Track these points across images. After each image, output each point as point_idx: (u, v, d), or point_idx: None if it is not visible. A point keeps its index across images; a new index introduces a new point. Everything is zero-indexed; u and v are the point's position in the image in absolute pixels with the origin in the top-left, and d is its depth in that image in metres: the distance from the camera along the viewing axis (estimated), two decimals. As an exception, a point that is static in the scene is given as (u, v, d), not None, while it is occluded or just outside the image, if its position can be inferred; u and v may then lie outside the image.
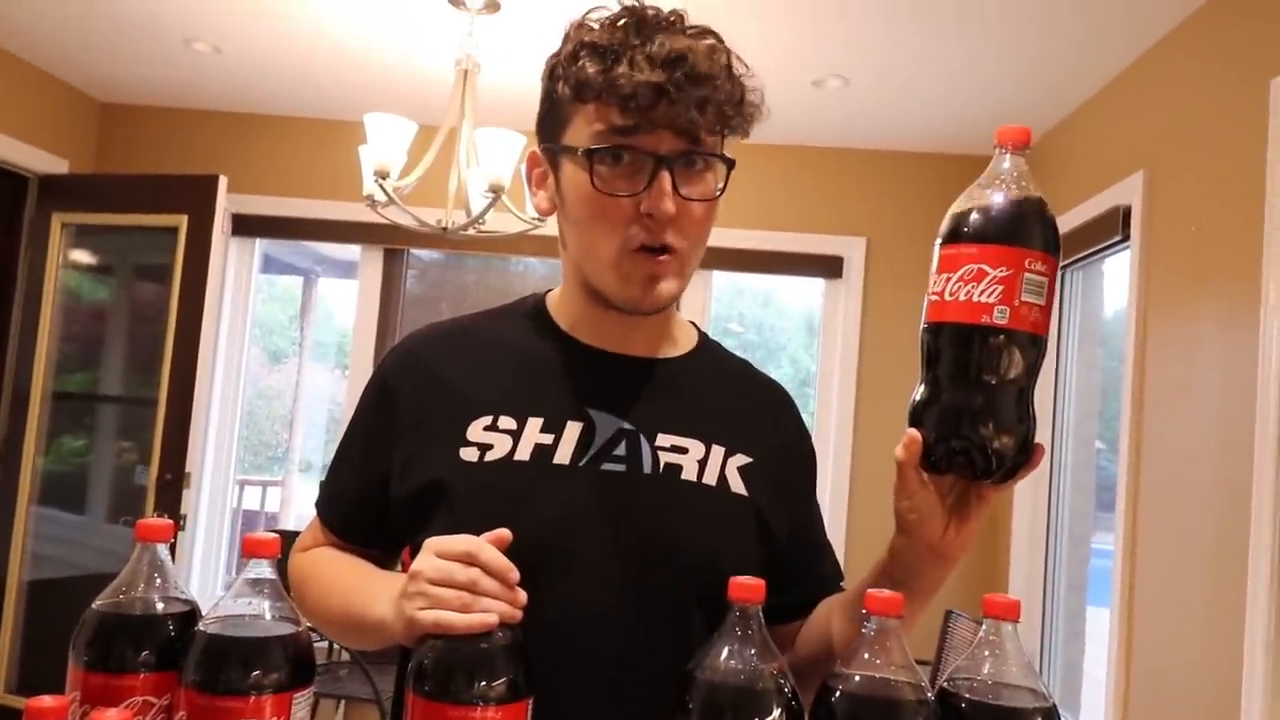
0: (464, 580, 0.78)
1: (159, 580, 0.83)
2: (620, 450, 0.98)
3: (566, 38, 0.96)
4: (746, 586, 0.77)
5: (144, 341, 3.74)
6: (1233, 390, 2.16)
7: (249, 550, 0.81)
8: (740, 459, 1.02)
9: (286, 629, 0.79)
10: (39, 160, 3.71)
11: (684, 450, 1.00)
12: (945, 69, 3.01)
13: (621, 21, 0.93)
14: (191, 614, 0.83)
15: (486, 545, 0.81)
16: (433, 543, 0.82)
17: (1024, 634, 0.80)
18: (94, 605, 0.81)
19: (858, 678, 0.75)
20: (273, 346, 8.12)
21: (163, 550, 0.85)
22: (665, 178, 0.91)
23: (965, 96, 3.24)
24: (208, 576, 4.06)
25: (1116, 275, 3.18)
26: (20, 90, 3.61)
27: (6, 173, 3.67)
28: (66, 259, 3.74)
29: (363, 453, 1.07)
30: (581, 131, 0.94)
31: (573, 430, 0.98)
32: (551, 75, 0.97)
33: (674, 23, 0.95)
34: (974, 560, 3.63)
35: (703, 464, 1.00)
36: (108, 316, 3.97)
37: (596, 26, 0.94)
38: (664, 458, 0.99)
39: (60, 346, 3.73)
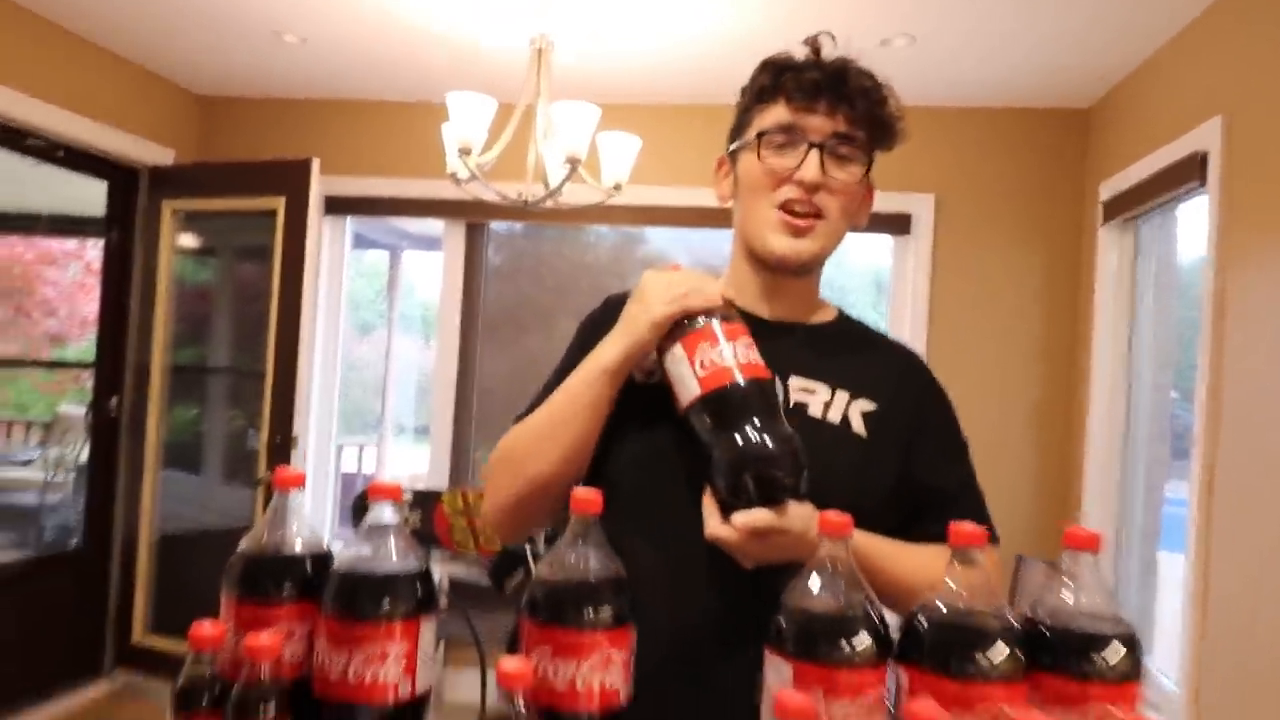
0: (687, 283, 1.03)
1: (295, 523, 0.88)
2: None
3: (762, 65, 1.16)
4: (834, 522, 0.80)
5: (247, 318, 3.87)
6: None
7: (375, 494, 0.86)
8: (864, 404, 1.12)
9: (411, 564, 0.83)
10: (148, 152, 3.84)
11: (812, 392, 1.12)
12: (1008, 23, 2.92)
13: (802, 48, 1.14)
14: (326, 552, 0.88)
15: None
16: (651, 274, 1.07)
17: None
18: (242, 545, 0.87)
19: (944, 608, 0.77)
20: (361, 320, 8.33)
21: (297, 496, 0.90)
22: (815, 154, 1.08)
23: (1028, 48, 3.14)
24: (321, 529, 4.21)
25: (1192, 223, 3.08)
26: (126, 87, 3.73)
27: (120, 166, 3.82)
28: (175, 244, 3.89)
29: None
30: (756, 128, 1.13)
31: None
32: (741, 93, 1.18)
33: (843, 57, 1.13)
34: (1046, 508, 3.60)
35: (828, 405, 1.11)
36: (213, 296, 4.11)
37: (781, 56, 1.15)
38: (795, 396, 1.11)
39: (174, 325, 3.89)
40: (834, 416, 1.11)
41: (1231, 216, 2.53)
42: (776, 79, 1.12)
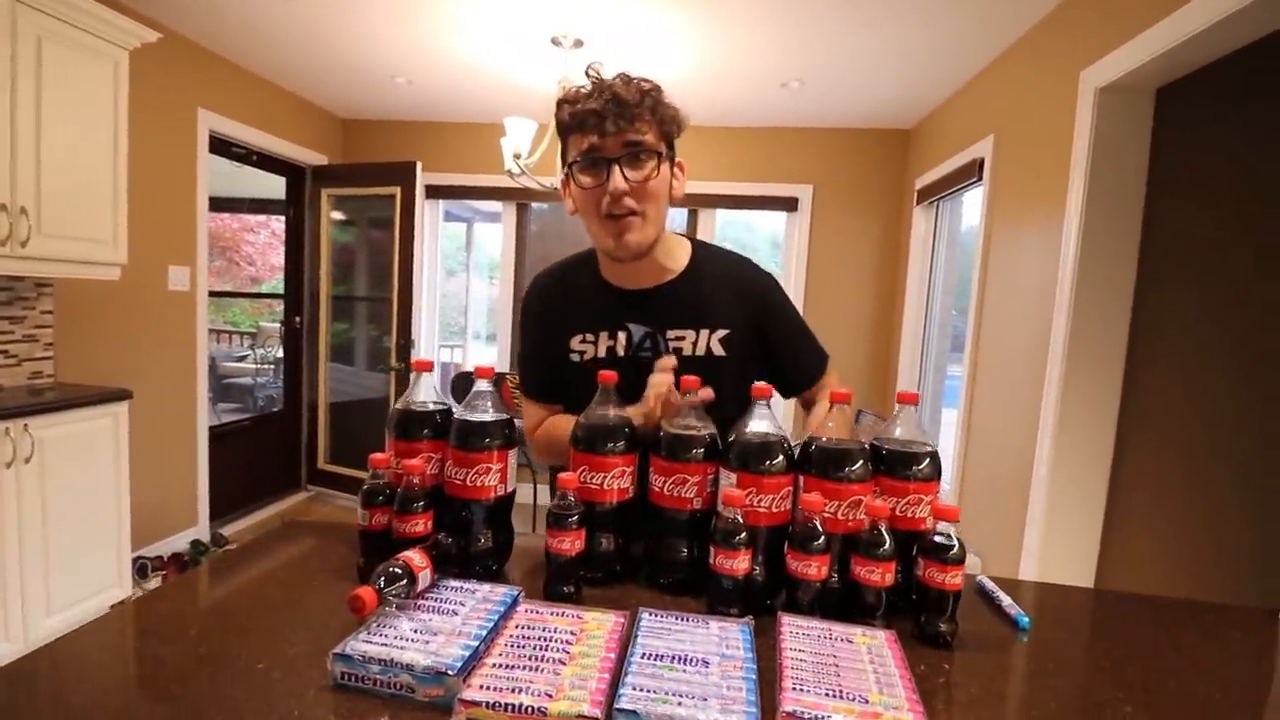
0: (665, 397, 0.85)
1: (428, 391, 0.88)
2: (648, 346, 0.99)
3: (558, 103, 0.93)
4: (760, 389, 0.80)
5: (376, 265, 3.77)
6: (1043, 277, 2.10)
7: (480, 374, 0.86)
8: (721, 332, 0.99)
9: (502, 416, 0.84)
10: (310, 156, 3.67)
11: (682, 337, 0.99)
12: (863, 74, 2.82)
13: (584, 85, 0.92)
14: (448, 409, 0.87)
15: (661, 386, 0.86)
16: (653, 385, 0.87)
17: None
18: (396, 405, 0.86)
19: (825, 439, 0.78)
20: (449, 266, 8.13)
21: (428, 376, 0.90)
22: (615, 169, 0.89)
23: (874, 90, 3.04)
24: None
25: (971, 205, 3.05)
26: (295, 113, 3.53)
27: (294, 165, 3.65)
28: (330, 217, 3.76)
29: (536, 353, 1.07)
30: (571, 154, 0.94)
31: (622, 337, 1.00)
32: (556, 126, 0.95)
33: (618, 79, 0.91)
34: (873, 380, 3.67)
35: (695, 344, 0.98)
36: (353, 251, 4.00)
37: (572, 92, 0.93)
38: (673, 344, 0.99)
39: (331, 270, 3.80)
40: (700, 350, 0.98)
41: (995, 201, 2.51)
42: (570, 115, 0.91)
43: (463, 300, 7.06)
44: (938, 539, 0.72)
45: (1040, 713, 0.62)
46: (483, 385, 0.86)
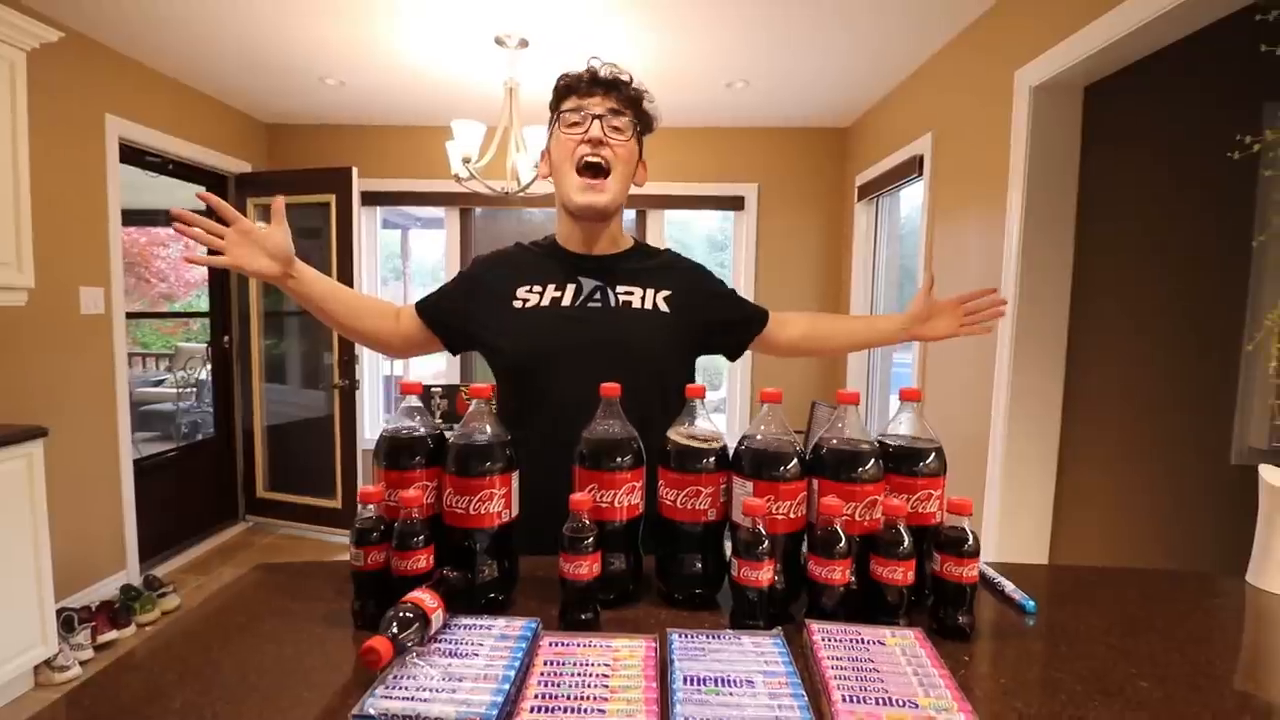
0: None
1: (416, 415, 0.82)
2: (597, 296, 1.04)
3: (558, 77, 1.06)
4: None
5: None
6: (987, 267, 2.20)
7: (474, 393, 0.81)
8: (665, 293, 1.06)
9: (501, 438, 0.79)
10: (233, 164, 3.43)
11: (631, 294, 1.05)
12: (808, 72, 2.89)
13: (580, 69, 1.05)
14: (441, 434, 0.82)
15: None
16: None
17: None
18: (383, 433, 0.81)
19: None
20: (383, 276, 7.83)
21: (414, 399, 0.84)
22: (596, 122, 1.01)
23: (814, 91, 3.12)
24: (374, 416, 4.05)
25: (911, 199, 3.18)
26: (215, 118, 3.30)
27: (214, 173, 3.41)
28: (258, 227, 3.53)
29: (452, 290, 1.11)
30: (560, 112, 1.05)
31: (570, 289, 1.05)
32: (552, 95, 1.07)
33: (611, 65, 1.05)
34: (823, 372, 3.77)
35: (643, 299, 1.05)
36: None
37: (568, 73, 1.06)
38: (622, 298, 1.05)
39: (262, 284, 3.58)
40: (648, 305, 1.05)
41: (936, 194, 2.61)
42: (567, 83, 1.04)
43: (399, 310, 6.79)
44: (953, 532, 0.74)
45: (1069, 696, 0.63)
46: (481, 405, 0.81)
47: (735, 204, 3.78)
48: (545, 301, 1.04)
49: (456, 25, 2.42)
